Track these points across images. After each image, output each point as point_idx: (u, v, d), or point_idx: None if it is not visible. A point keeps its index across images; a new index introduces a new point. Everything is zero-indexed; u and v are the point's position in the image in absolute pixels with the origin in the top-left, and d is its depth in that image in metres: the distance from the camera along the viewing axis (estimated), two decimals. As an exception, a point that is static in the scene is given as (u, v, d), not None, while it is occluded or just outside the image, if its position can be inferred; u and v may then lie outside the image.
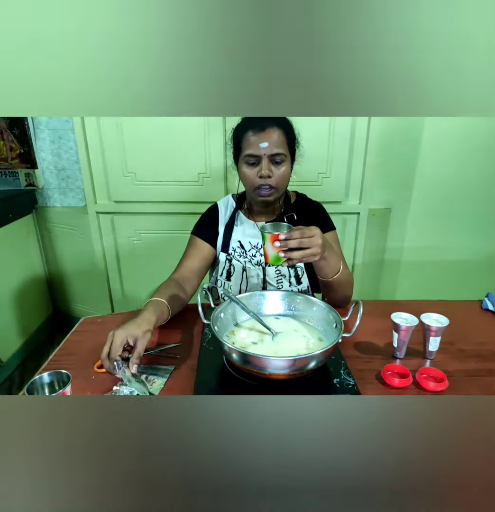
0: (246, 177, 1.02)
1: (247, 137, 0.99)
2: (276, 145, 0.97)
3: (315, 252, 0.81)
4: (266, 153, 0.97)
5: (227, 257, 1.12)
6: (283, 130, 0.99)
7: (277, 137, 0.98)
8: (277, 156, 0.98)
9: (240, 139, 1.02)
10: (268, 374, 0.71)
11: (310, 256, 0.81)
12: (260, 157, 0.98)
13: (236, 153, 1.05)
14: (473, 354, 0.89)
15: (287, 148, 1.01)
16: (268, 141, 0.96)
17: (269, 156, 0.98)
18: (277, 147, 0.97)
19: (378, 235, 2.05)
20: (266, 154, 0.97)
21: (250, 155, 0.98)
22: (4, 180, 2.08)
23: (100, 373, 0.82)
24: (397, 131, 1.86)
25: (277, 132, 0.98)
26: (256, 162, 0.99)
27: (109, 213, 1.93)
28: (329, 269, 0.93)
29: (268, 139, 0.97)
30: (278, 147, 0.98)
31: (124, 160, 1.81)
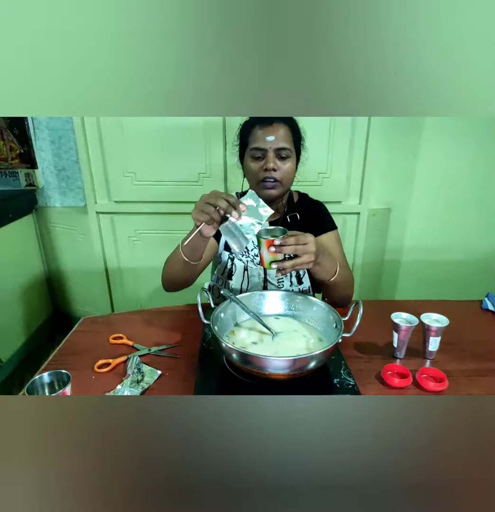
0: (251, 171, 1.01)
1: (253, 131, 0.99)
2: (282, 140, 0.97)
3: (308, 260, 0.82)
4: (272, 147, 0.97)
5: (230, 256, 1.12)
6: (290, 127, 1.00)
7: (283, 133, 0.98)
8: (283, 150, 0.98)
9: (246, 134, 1.02)
10: (268, 374, 0.71)
11: (303, 264, 0.82)
12: (266, 150, 0.97)
13: (242, 149, 1.05)
14: (473, 354, 0.89)
15: (293, 145, 1.01)
16: (274, 135, 0.97)
17: (275, 150, 0.97)
18: (283, 142, 0.97)
19: (378, 235, 2.05)
20: (272, 148, 0.97)
21: (256, 149, 0.98)
22: (4, 180, 2.08)
23: (100, 373, 0.82)
24: (397, 131, 1.86)
25: (284, 128, 0.98)
26: (261, 156, 0.99)
27: (109, 213, 1.93)
28: (324, 273, 0.94)
29: (275, 133, 0.97)
30: (284, 142, 0.98)
31: (124, 160, 1.81)
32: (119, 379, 0.80)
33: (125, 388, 0.75)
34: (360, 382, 0.78)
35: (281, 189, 1.02)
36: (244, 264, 1.11)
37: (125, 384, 0.76)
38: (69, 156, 2.01)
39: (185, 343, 0.93)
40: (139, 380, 0.78)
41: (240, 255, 1.11)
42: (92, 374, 0.82)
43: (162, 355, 0.88)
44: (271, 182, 0.99)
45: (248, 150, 1.01)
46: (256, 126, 0.99)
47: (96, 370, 0.83)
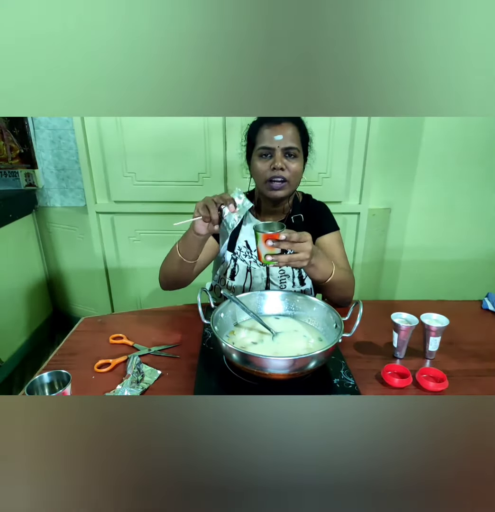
0: (258, 170, 1.00)
1: (261, 131, 0.99)
2: (290, 139, 0.97)
3: (303, 258, 0.82)
4: (280, 146, 0.97)
5: (233, 256, 1.12)
6: (298, 127, 1.00)
7: (292, 132, 0.98)
8: (291, 149, 0.97)
9: (254, 133, 1.02)
10: (268, 374, 0.71)
11: (297, 261, 0.82)
12: (274, 149, 0.97)
13: (250, 148, 1.05)
14: (473, 354, 0.89)
15: (301, 145, 1.01)
16: (283, 134, 0.96)
17: (283, 149, 0.97)
18: (291, 141, 0.97)
19: (378, 235, 2.05)
20: (280, 147, 0.97)
21: (264, 148, 0.98)
22: (4, 180, 2.08)
23: (100, 373, 0.82)
24: (397, 131, 1.86)
25: (292, 128, 0.98)
26: (269, 155, 0.99)
27: (109, 213, 1.93)
28: (319, 275, 0.93)
29: (283, 132, 0.97)
30: (292, 141, 0.97)
31: (124, 160, 1.81)
32: (119, 379, 0.80)
33: (125, 388, 0.75)
34: (360, 382, 0.78)
35: (288, 189, 1.01)
36: (247, 265, 1.11)
37: (125, 384, 0.76)
38: (69, 156, 2.01)
39: (185, 343, 0.93)
40: (139, 380, 0.78)
41: (243, 255, 1.11)
42: (92, 374, 0.82)
43: (162, 355, 0.88)
44: (279, 183, 0.99)
45: (256, 150, 1.01)
46: (264, 125, 0.99)
47: (96, 370, 0.83)
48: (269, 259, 0.81)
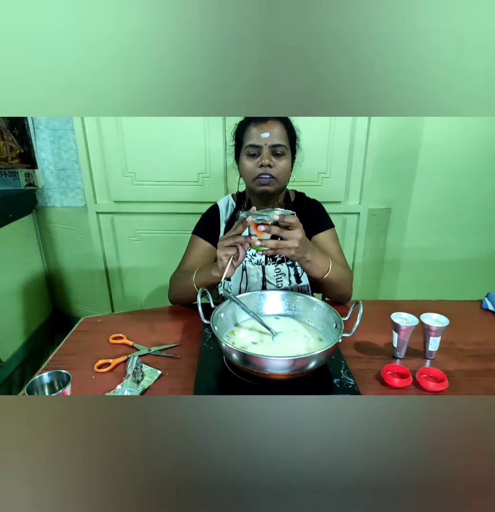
0: (247, 168, 1.01)
1: (248, 129, 1.00)
2: (277, 137, 0.98)
3: (291, 245, 0.83)
4: (267, 143, 0.97)
5: None
6: (284, 125, 1.00)
7: (278, 130, 0.98)
8: (278, 147, 0.98)
9: (241, 132, 1.02)
10: (268, 374, 0.71)
11: (285, 248, 0.83)
12: (261, 147, 0.98)
13: (238, 148, 1.05)
14: (473, 354, 0.89)
15: (288, 143, 1.01)
16: (269, 132, 0.97)
17: (270, 146, 0.98)
18: (278, 139, 0.98)
19: (378, 235, 2.05)
20: (267, 145, 0.97)
21: (251, 146, 0.99)
22: (4, 180, 2.08)
23: (100, 373, 0.82)
24: (397, 131, 1.86)
25: (278, 125, 0.99)
26: (257, 153, 0.99)
27: (109, 213, 1.93)
28: (316, 271, 0.94)
29: (270, 130, 0.97)
30: (279, 139, 0.98)
31: (124, 160, 1.81)
32: (119, 379, 0.80)
33: (125, 388, 0.75)
34: (360, 382, 0.78)
35: (276, 185, 1.02)
36: (242, 264, 1.11)
37: (125, 384, 0.76)
38: (69, 156, 2.01)
39: (185, 343, 0.93)
40: (139, 380, 0.78)
41: None
42: (92, 374, 0.82)
43: (162, 355, 0.88)
44: (267, 179, 0.99)
45: (244, 148, 1.01)
46: (251, 124, 1.00)
47: (96, 370, 0.83)
48: (258, 244, 0.83)
